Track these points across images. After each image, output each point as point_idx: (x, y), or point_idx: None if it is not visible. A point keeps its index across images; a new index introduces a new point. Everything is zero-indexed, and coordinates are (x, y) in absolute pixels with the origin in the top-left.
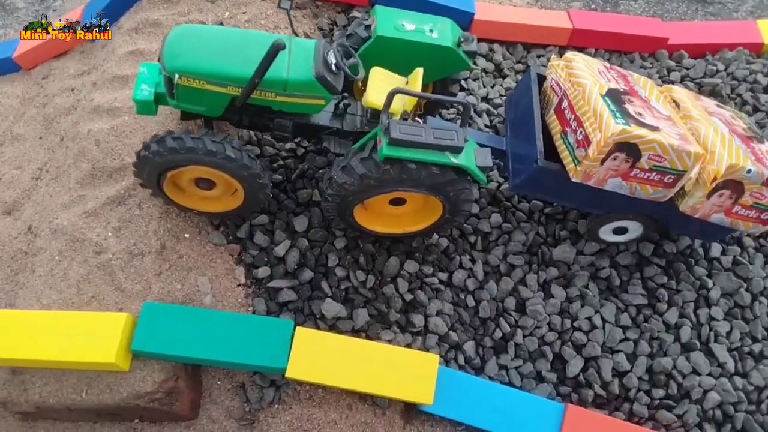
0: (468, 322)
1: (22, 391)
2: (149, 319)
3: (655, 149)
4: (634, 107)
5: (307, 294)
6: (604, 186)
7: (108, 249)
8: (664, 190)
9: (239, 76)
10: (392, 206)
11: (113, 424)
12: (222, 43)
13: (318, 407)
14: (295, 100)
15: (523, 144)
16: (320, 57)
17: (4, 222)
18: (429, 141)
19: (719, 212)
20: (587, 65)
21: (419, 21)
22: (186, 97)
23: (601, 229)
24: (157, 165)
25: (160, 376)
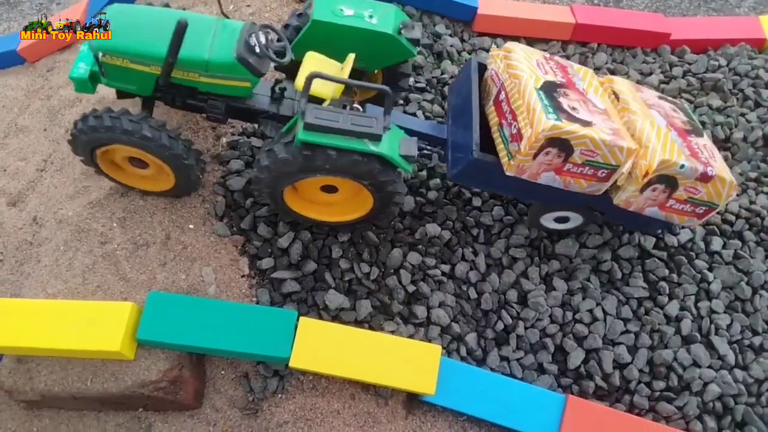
0: (470, 313)
1: (28, 380)
2: (154, 309)
3: (587, 144)
4: (568, 101)
5: (310, 285)
6: (537, 180)
7: (113, 239)
8: (598, 184)
9: (158, 55)
10: (325, 193)
11: (117, 413)
12: (152, 23)
13: (321, 397)
14: (218, 81)
15: (461, 133)
16: (243, 39)
17: (9, 213)
18: (345, 127)
19: (653, 206)
20: (526, 56)
21: (359, 6)
22: (114, 75)
23: (542, 218)
24: (84, 142)
25: (165, 365)
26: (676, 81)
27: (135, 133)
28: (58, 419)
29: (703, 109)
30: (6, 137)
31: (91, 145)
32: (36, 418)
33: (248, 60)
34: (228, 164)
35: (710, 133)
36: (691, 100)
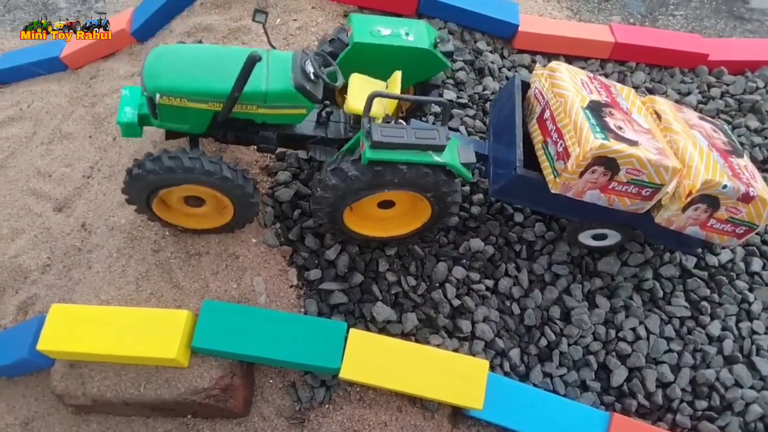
0: (513, 329)
1: (80, 385)
2: (209, 317)
3: (633, 163)
4: (614, 120)
5: (357, 297)
6: (582, 197)
7: (166, 248)
8: (642, 203)
9: (219, 92)
10: (381, 209)
11: (166, 419)
12: (201, 60)
13: (369, 408)
14: (276, 111)
15: (504, 150)
16: (298, 67)
17: (56, 218)
18: (411, 141)
19: (694, 225)
20: (571, 76)
21: (395, 25)
22: (169, 116)
23: (580, 235)
24: (150, 183)
25: (217, 373)
26: (714, 101)
27: (215, 174)
28: (106, 424)
29: (741, 130)
30: (51, 143)
31: (156, 186)
32: (84, 423)
33: (306, 87)
34: (276, 175)
35: (749, 153)
36: (729, 121)
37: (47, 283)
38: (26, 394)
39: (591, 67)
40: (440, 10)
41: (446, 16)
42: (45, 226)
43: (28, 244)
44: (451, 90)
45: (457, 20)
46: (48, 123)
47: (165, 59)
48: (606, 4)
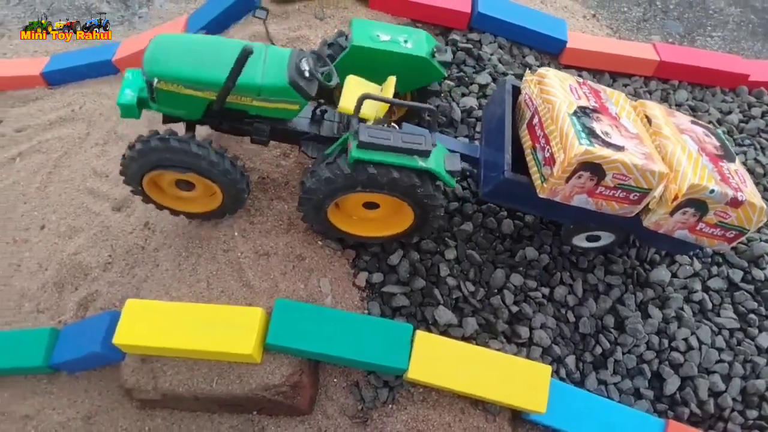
0: (569, 336)
1: (151, 379)
2: (282, 315)
3: (619, 168)
4: (601, 126)
5: (418, 300)
6: (570, 202)
7: (235, 248)
8: (630, 207)
9: (214, 81)
10: (367, 210)
11: (231, 416)
12: (200, 50)
13: (432, 409)
14: (269, 104)
15: (494, 153)
16: (293, 64)
17: (115, 217)
18: (397, 144)
19: (683, 228)
20: (560, 82)
21: (395, 32)
22: (165, 101)
23: (575, 237)
24: (141, 165)
25: (288, 370)
26: (755, 120)
27: (203, 157)
28: (171, 419)
29: None
30: (105, 144)
31: (146, 168)
32: (149, 418)
33: (299, 84)
34: None
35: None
36: None
37: (109, 280)
38: (88, 389)
39: (635, 85)
40: (491, 25)
41: (497, 30)
42: (104, 225)
43: (87, 241)
44: None
45: (507, 35)
46: (102, 125)
47: (165, 46)
48: (645, 23)
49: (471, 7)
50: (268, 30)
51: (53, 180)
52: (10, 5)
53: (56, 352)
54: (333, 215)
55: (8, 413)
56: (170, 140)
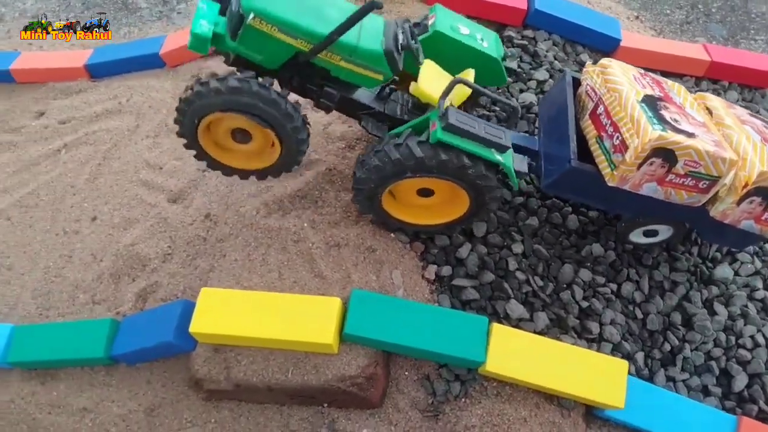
0: (637, 333)
1: (223, 369)
2: (358, 305)
3: (691, 155)
4: (669, 113)
5: (488, 294)
6: (639, 190)
7: (306, 238)
8: (699, 195)
9: (313, 32)
10: (420, 197)
11: (301, 408)
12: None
13: (508, 403)
14: (357, 69)
15: (555, 145)
16: (391, 33)
17: (172, 209)
18: (481, 134)
19: (749, 219)
20: (623, 71)
21: (473, 28)
22: (251, 41)
23: (632, 232)
24: (198, 108)
25: (364, 361)
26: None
27: (279, 108)
28: (238, 411)
29: None
30: (157, 136)
31: (212, 109)
32: (215, 410)
33: (393, 54)
34: None
35: None
36: None
37: (169, 271)
38: (151, 380)
39: (686, 85)
40: (547, 22)
41: (552, 27)
42: (161, 216)
43: (144, 233)
44: None
45: (562, 32)
46: (152, 117)
47: None
48: (688, 26)
49: (527, 3)
50: None
51: (103, 172)
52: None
53: (117, 343)
54: (388, 203)
55: (64, 406)
56: (250, 83)
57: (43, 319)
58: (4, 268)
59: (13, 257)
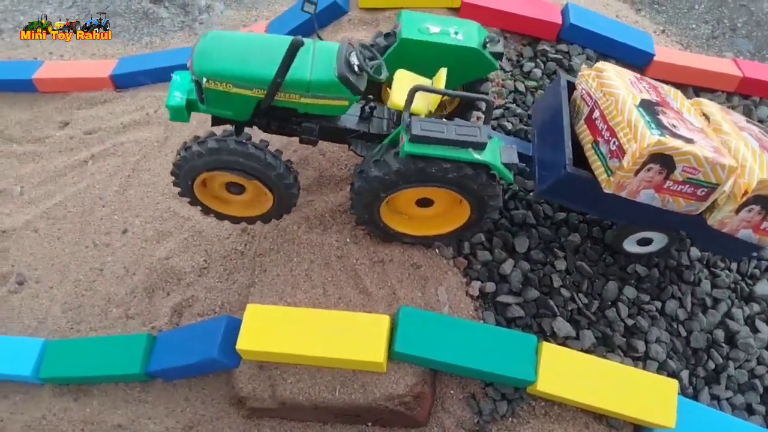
0: (681, 351)
1: (268, 387)
2: (407, 323)
3: (690, 161)
4: (667, 118)
5: (533, 311)
6: (636, 198)
7: (350, 254)
8: (697, 203)
9: (263, 78)
10: (419, 208)
11: (344, 426)
12: (249, 47)
13: (557, 423)
14: (319, 101)
15: (550, 151)
16: (342, 58)
17: (207, 222)
18: (451, 137)
19: (747, 228)
20: (618, 75)
21: (445, 24)
22: (214, 101)
23: (626, 240)
24: (196, 167)
25: (412, 380)
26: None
27: (259, 160)
28: (280, 430)
29: None
30: None
31: (199, 171)
32: (256, 428)
33: (349, 78)
34: None
35: None
36: None
37: (206, 285)
38: (189, 397)
39: (717, 100)
40: (581, 37)
41: (586, 42)
42: (196, 230)
43: (178, 246)
44: None
45: (596, 47)
46: (181, 128)
47: (214, 44)
48: (714, 41)
49: (561, 18)
50: (315, 24)
51: (132, 184)
52: (63, 7)
53: (154, 358)
54: (386, 216)
55: (98, 423)
56: (227, 141)
57: (74, 334)
58: (31, 281)
59: (41, 270)
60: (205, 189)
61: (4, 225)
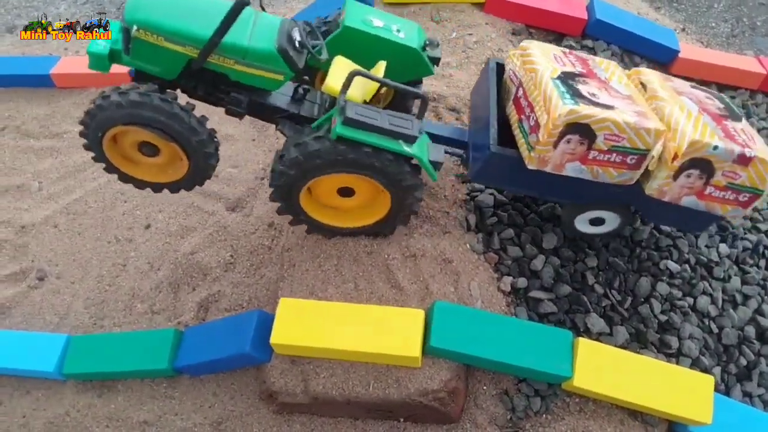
0: (712, 347)
1: (300, 382)
2: (441, 318)
3: (610, 128)
4: (588, 88)
5: (565, 307)
6: (562, 171)
7: (381, 249)
8: (630, 172)
9: (199, 36)
10: (341, 198)
11: (375, 422)
12: (188, 4)
13: (592, 420)
14: (253, 70)
15: (480, 133)
16: (285, 32)
17: (232, 218)
18: (383, 126)
19: (690, 195)
20: (542, 51)
21: (388, 20)
22: (141, 53)
23: (576, 220)
24: (101, 121)
25: (446, 375)
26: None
27: (182, 122)
28: (311, 425)
29: None
30: None
31: (114, 123)
32: (286, 424)
33: (288, 52)
34: None
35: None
36: None
37: (232, 280)
38: (218, 393)
39: (741, 97)
40: (606, 33)
41: (611, 38)
42: (221, 225)
43: (203, 241)
44: None
45: (621, 43)
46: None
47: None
48: (734, 39)
49: (587, 13)
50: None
51: None
52: (77, 3)
53: (181, 354)
54: (307, 205)
55: (124, 419)
56: (152, 96)
57: (97, 329)
58: (52, 276)
59: (62, 265)
60: (114, 145)
61: (23, 220)
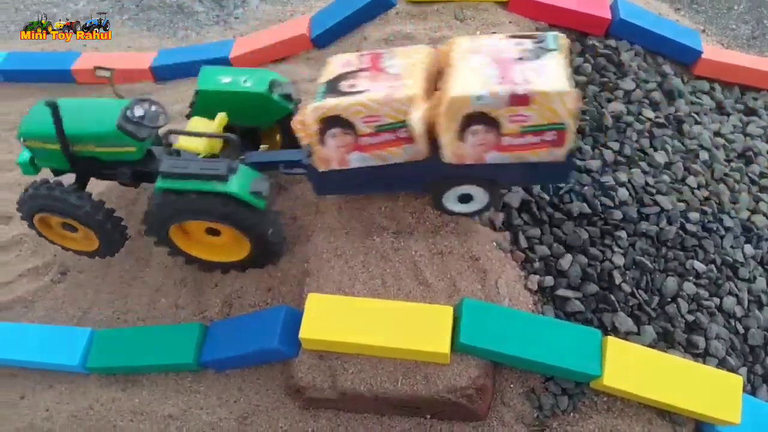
0: (738, 348)
1: (328, 377)
2: (470, 315)
3: (362, 111)
4: (351, 83)
5: (592, 306)
6: (349, 165)
7: (409, 246)
8: (411, 147)
9: (51, 134)
10: (209, 236)
11: (402, 419)
12: (66, 110)
13: (620, 419)
14: (109, 149)
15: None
16: (123, 112)
17: None
18: (194, 171)
19: (489, 150)
20: (339, 60)
21: (237, 74)
22: (39, 155)
23: (443, 199)
24: (29, 208)
25: (475, 372)
26: None
27: (65, 201)
28: (337, 421)
29: None
30: None
31: (31, 212)
32: (312, 419)
33: (126, 128)
34: None
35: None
36: None
37: (256, 277)
38: (243, 387)
39: (764, 99)
40: (630, 32)
41: (634, 38)
42: None
43: None
44: (648, 109)
45: (645, 43)
46: None
47: (38, 109)
48: (754, 41)
49: (611, 13)
50: (114, 86)
51: None
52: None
53: (206, 348)
54: (180, 240)
55: (148, 413)
56: (39, 188)
57: (120, 324)
58: (75, 270)
59: (84, 260)
60: (46, 226)
61: None
